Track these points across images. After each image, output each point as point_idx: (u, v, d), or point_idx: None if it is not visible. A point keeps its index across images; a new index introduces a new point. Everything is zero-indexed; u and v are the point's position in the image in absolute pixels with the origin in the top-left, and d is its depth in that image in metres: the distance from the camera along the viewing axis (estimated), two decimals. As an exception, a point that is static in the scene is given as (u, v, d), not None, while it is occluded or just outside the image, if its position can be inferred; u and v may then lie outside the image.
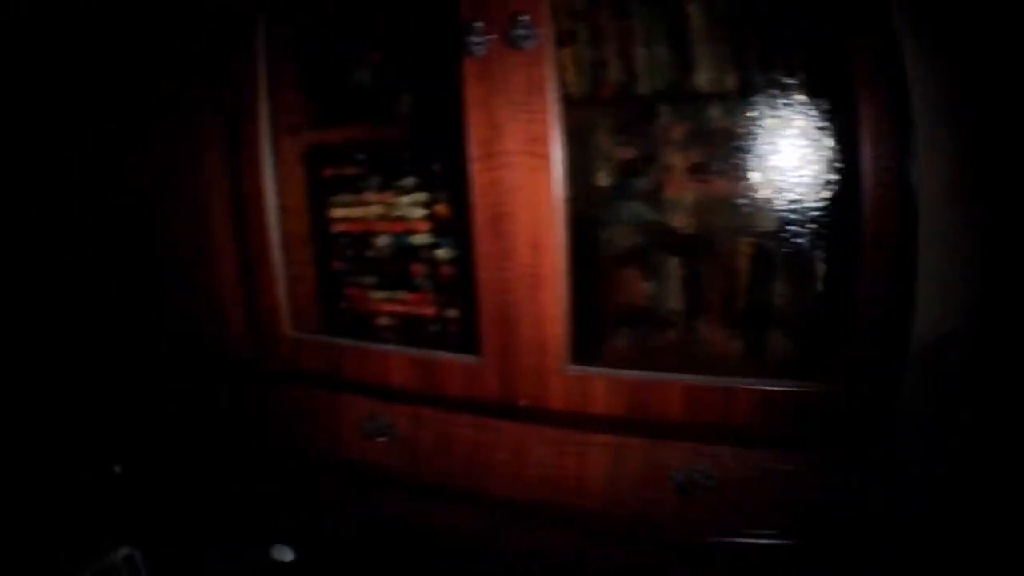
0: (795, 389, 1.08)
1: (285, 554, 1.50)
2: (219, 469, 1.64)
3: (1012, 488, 1.22)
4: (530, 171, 1.11)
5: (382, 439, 1.33)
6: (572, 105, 1.14)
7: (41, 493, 2.29)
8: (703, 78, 1.16)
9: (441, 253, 1.39)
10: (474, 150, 1.14)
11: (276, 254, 1.40)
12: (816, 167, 1.10)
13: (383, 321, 1.47)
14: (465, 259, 1.24)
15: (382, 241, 1.44)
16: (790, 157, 1.12)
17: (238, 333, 1.50)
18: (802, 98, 1.08)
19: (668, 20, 1.18)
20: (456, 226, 1.34)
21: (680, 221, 1.25)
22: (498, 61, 1.10)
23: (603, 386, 1.16)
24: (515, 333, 1.18)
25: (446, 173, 1.34)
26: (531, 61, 1.09)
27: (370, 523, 1.40)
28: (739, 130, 1.14)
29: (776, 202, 1.14)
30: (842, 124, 1.03)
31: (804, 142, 1.10)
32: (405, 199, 1.40)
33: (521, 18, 1.08)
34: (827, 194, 1.09)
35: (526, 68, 1.09)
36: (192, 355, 1.63)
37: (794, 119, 1.10)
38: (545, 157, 1.10)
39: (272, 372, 1.45)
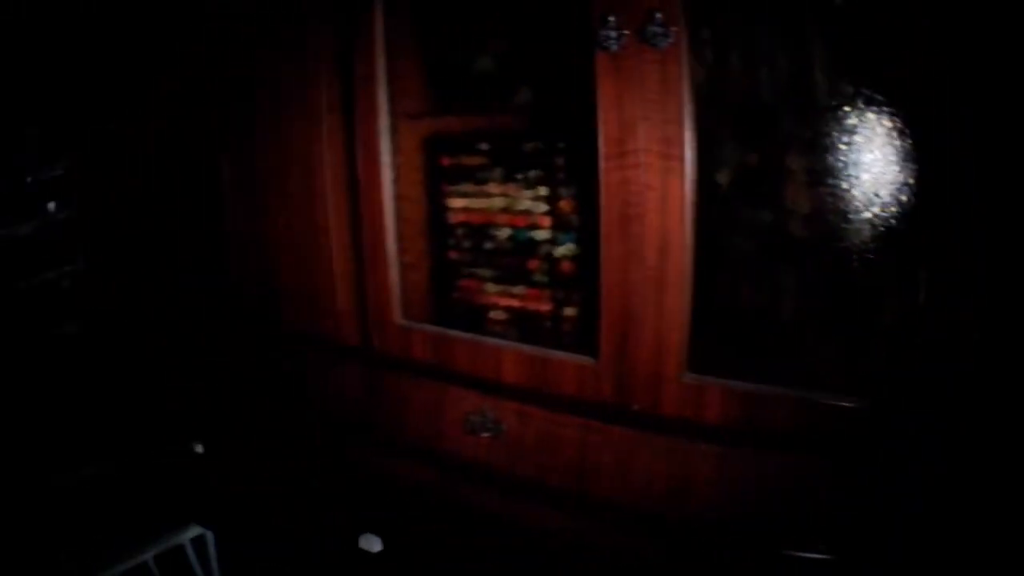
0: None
1: (373, 544, 1.51)
2: (312, 455, 1.67)
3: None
4: (662, 172, 1.08)
5: (486, 435, 1.33)
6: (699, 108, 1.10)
7: (120, 471, 2.40)
8: (822, 88, 1.12)
9: (561, 250, 1.37)
10: (605, 148, 1.12)
11: (391, 241, 1.41)
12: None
13: (495, 315, 1.46)
14: (587, 257, 1.23)
15: (501, 233, 1.43)
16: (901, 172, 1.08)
17: (347, 320, 1.53)
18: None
19: (791, 29, 1.15)
20: (579, 223, 1.33)
21: (798, 229, 1.21)
22: (631, 58, 1.08)
23: (718, 396, 1.12)
24: (635, 336, 1.15)
25: (569, 168, 1.33)
26: (665, 59, 1.06)
27: (464, 519, 1.40)
28: (852, 141, 1.10)
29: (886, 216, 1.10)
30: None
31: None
32: (527, 192, 1.39)
33: (656, 15, 1.06)
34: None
35: (660, 66, 1.06)
36: (296, 340, 1.67)
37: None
38: (678, 159, 1.07)
39: (379, 359, 1.47)
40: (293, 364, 1.69)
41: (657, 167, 1.09)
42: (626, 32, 1.07)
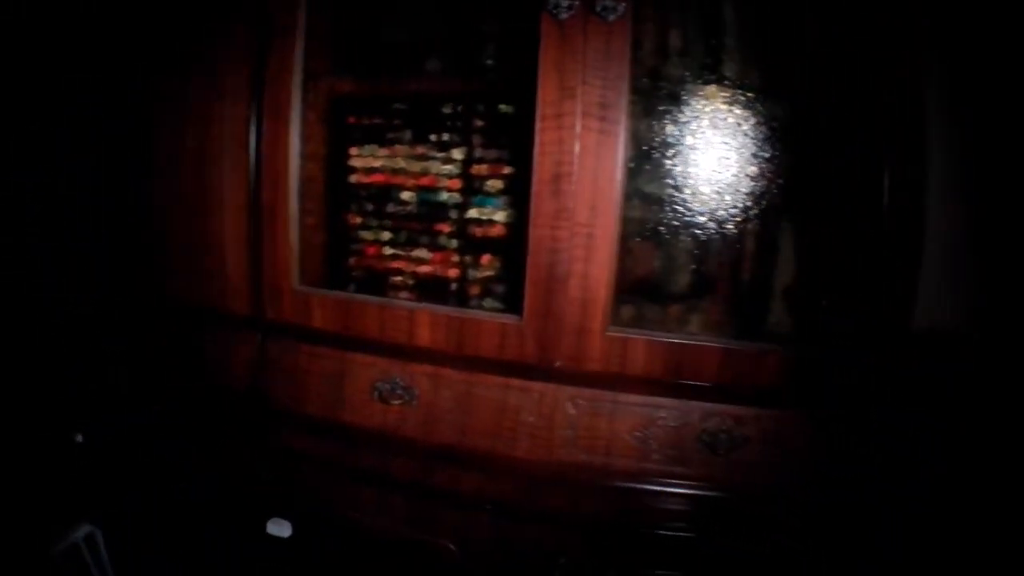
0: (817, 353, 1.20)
1: (283, 529, 1.37)
2: (205, 437, 1.50)
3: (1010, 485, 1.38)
4: (599, 134, 1.15)
5: (397, 402, 1.28)
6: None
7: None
8: (732, 69, 1.28)
9: (474, 212, 1.39)
10: (542, 109, 1.16)
11: (293, 202, 1.33)
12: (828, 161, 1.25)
13: (401, 279, 1.43)
14: (516, 218, 1.25)
15: (407, 196, 1.42)
16: (805, 149, 1.27)
17: (239, 287, 1.40)
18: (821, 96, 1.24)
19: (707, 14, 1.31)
20: (501, 185, 1.36)
21: (697, 202, 1.34)
22: (577, 27, 1.15)
23: (643, 348, 1.20)
24: (561, 292, 1.20)
25: (489, 131, 1.36)
26: (612, 31, 1.14)
27: (379, 491, 1.35)
28: (761, 122, 1.27)
29: (788, 189, 1.28)
30: (858, 124, 1.17)
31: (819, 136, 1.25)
32: (439, 155, 1.40)
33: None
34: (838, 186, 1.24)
35: (606, 37, 1.15)
36: (184, 311, 1.49)
37: (810, 115, 1.25)
38: (616, 122, 1.15)
39: (275, 329, 1.37)
40: (182, 338, 1.50)
41: (594, 129, 1.16)
42: (577, 2, 1.14)
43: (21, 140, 1.74)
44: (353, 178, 1.45)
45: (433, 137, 1.40)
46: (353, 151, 1.44)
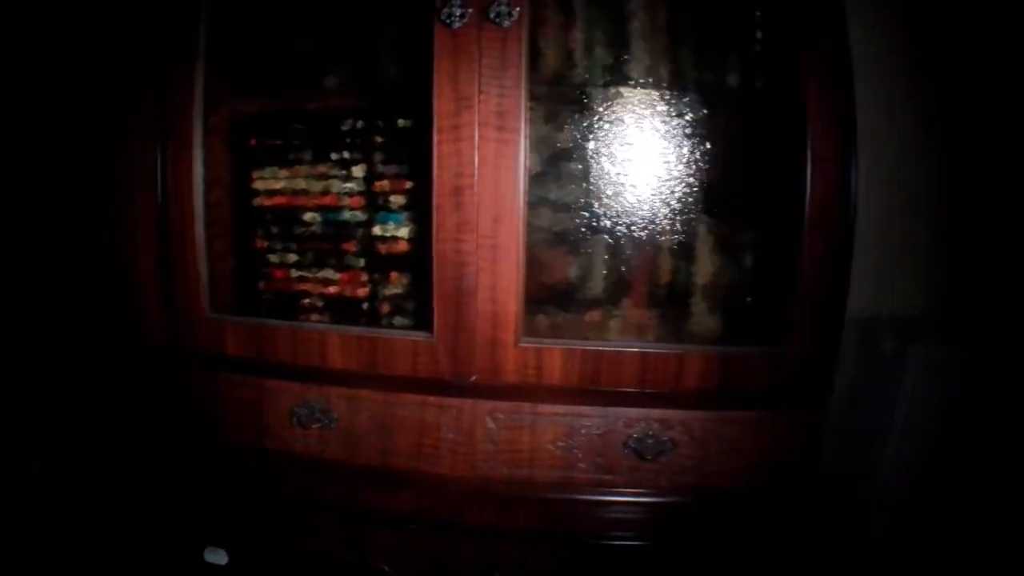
0: (742, 353, 1.19)
1: (220, 557, 1.35)
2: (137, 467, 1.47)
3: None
4: (497, 143, 1.13)
5: (316, 426, 1.26)
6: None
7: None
8: (638, 69, 1.26)
9: (378, 230, 1.36)
10: (439, 121, 1.13)
11: (199, 229, 1.28)
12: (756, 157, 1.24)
13: (311, 302, 1.40)
14: (420, 233, 1.22)
15: (310, 217, 1.39)
16: (723, 145, 1.25)
17: (155, 319, 1.34)
18: (742, 90, 1.22)
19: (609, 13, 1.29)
20: (403, 201, 1.33)
21: (607, 206, 1.31)
22: (471, 34, 1.12)
23: (558, 357, 1.18)
24: (470, 306, 1.17)
25: (389, 147, 1.34)
26: (507, 37, 1.12)
27: (311, 515, 1.32)
28: (672, 120, 1.25)
29: (704, 186, 1.26)
30: (786, 116, 1.14)
31: (741, 132, 1.23)
32: (341, 173, 1.37)
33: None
34: (765, 182, 1.22)
35: (501, 44, 1.12)
36: (102, 344, 1.45)
37: (731, 109, 1.23)
38: (514, 131, 1.13)
39: (190, 358, 1.32)
40: (97, 367, 1.46)
41: (492, 138, 1.13)
42: (470, 10, 1.11)
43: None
44: (257, 201, 1.42)
45: (334, 155, 1.37)
46: (255, 174, 1.40)
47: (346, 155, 1.36)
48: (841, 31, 1.11)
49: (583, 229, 1.31)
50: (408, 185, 1.34)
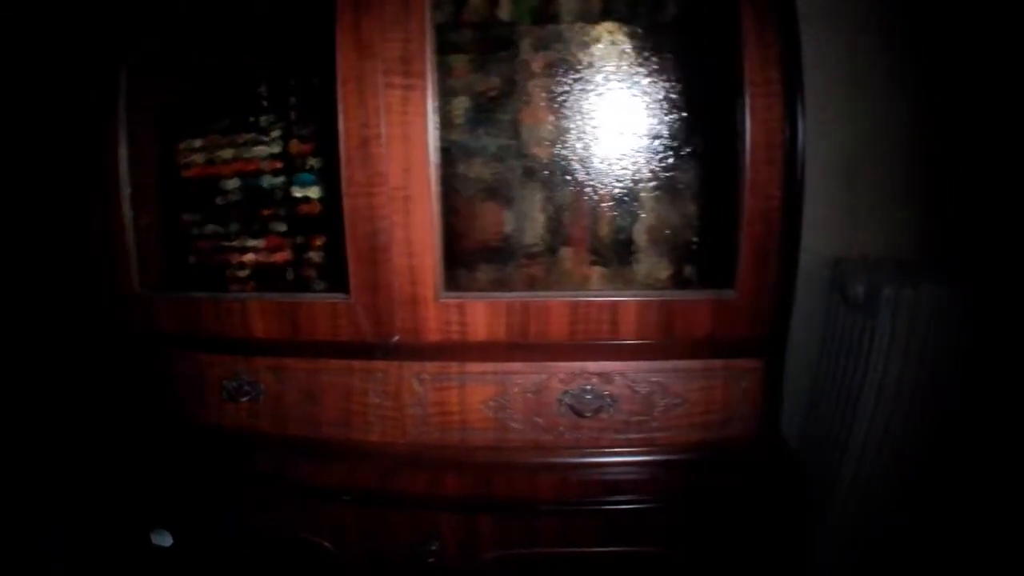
0: (685, 299, 1.12)
1: (165, 539, 1.32)
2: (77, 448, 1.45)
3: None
4: (403, 90, 1.08)
5: (245, 399, 1.22)
6: (437, 31, 1.11)
7: None
8: (567, 5, 1.20)
9: (297, 192, 1.32)
10: (343, 72, 1.09)
11: (125, 206, 1.25)
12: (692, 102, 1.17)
13: (238, 272, 1.37)
14: (330, 192, 1.18)
15: (231, 185, 1.35)
16: (661, 89, 1.18)
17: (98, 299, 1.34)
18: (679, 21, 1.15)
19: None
20: (321, 161, 1.29)
21: (542, 152, 1.26)
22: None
23: (482, 312, 1.13)
24: (385, 263, 1.12)
25: (302, 107, 1.30)
26: (407, -20, 1.08)
27: (253, 490, 1.28)
28: (607, 61, 1.19)
29: (645, 129, 1.20)
30: (727, 48, 1.07)
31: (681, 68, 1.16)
32: (257, 137, 1.33)
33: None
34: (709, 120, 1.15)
35: (401, -12, 1.08)
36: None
37: (668, 44, 1.16)
38: (420, 76, 1.08)
39: (124, 334, 1.31)
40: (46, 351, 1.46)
41: (399, 85, 1.08)
42: (365, -44, 1.07)
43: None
44: (182, 174, 1.38)
45: (251, 119, 1.33)
46: (180, 147, 1.37)
47: (262, 119, 1.33)
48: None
49: (517, 178, 1.26)
50: (323, 144, 1.30)
